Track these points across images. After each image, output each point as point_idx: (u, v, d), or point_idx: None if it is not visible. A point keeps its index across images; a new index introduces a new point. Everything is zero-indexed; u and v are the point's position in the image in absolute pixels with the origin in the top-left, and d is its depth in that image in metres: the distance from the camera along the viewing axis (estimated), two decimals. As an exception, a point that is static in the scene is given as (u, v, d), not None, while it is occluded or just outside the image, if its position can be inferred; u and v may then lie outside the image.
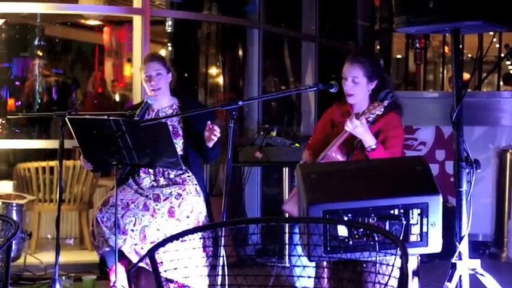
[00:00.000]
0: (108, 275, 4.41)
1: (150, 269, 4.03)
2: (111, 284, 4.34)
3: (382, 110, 3.90)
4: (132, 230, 4.24)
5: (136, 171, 4.52)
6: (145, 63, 4.61)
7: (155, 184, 4.48)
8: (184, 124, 4.53)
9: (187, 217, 4.32)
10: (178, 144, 4.46)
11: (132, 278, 2.35)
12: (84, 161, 4.40)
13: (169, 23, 8.64)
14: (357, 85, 4.09)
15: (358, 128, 3.87)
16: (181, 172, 4.44)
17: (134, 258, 4.24)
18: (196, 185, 4.45)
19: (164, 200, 4.34)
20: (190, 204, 4.35)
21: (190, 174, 4.47)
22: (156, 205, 4.31)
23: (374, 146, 3.91)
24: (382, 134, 4.02)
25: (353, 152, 4.03)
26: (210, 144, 4.28)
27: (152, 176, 4.50)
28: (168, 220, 4.27)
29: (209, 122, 4.25)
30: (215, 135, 4.23)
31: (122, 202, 4.34)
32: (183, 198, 4.35)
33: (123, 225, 4.25)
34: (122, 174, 4.54)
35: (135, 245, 4.24)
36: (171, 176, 4.47)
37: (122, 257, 4.27)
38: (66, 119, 4.25)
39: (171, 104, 4.64)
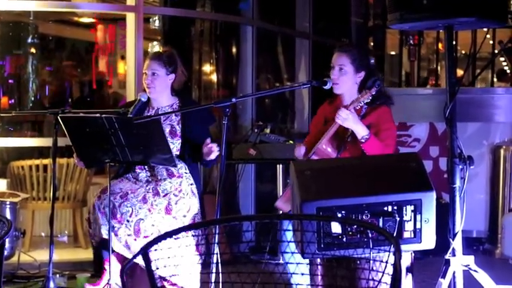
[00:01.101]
0: (103, 266, 4.41)
1: (139, 264, 4.05)
2: (103, 276, 4.35)
3: (370, 98, 3.96)
4: (128, 221, 4.24)
5: (132, 167, 4.51)
6: (146, 60, 4.61)
7: (150, 179, 4.46)
8: (183, 125, 4.51)
9: (184, 216, 4.32)
10: (175, 144, 4.44)
11: (125, 274, 2.35)
12: (77, 159, 4.40)
13: (160, 20, 8.61)
14: (344, 74, 4.11)
15: (348, 118, 3.89)
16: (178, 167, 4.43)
17: (125, 253, 4.24)
18: (192, 185, 4.44)
19: (163, 196, 4.33)
20: (188, 204, 4.35)
21: (187, 171, 4.45)
22: (155, 200, 4.30)
23: (367, 136, 3.92)
24: (374, 128, 4.02)
25: (345, 146, 4.03)
26: (208, 158, 4.30)
27: (148, 172, 4.48)
28: (164, 217, 4.27)
29: (208, 140, 4.26)
30: (213, 153, 4.25)
31: (122, 190, 4.33)
32: (181, 196, 4.34)
33: (120, 214, 4.25)
34: (118, 170, 4.53)
35: (129, 235, 4.23)
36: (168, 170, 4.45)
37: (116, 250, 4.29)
38: (58, 117, 4.24)
39: (171, 104, 4.60)
